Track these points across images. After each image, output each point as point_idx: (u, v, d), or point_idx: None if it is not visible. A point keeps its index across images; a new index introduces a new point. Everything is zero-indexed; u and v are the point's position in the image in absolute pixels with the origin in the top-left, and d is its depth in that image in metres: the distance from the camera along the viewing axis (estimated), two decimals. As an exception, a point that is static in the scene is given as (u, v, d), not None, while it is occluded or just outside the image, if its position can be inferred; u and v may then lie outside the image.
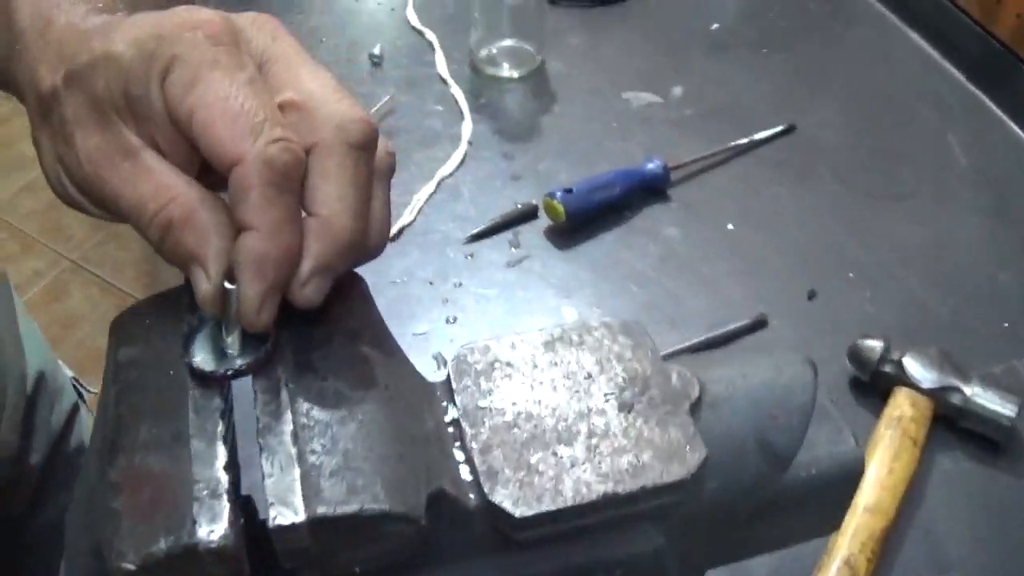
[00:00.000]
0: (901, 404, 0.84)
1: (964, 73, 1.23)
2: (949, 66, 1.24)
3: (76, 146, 0.46)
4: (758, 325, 0.93)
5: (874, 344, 0.86)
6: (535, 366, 0.53)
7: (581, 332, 0.55)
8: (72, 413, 1.01)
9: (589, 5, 1.38)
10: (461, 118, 1.18)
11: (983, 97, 1.19)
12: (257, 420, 0.45)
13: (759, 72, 1.26)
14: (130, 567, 0.41)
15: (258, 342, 0.46)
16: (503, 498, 0.46)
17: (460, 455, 0.49)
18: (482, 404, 0.51)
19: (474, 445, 0.48)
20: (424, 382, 0.52)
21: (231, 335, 0.46)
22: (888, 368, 0.85)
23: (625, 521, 0.50)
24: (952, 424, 0.84)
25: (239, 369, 0.45)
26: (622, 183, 1.04)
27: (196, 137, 0.44)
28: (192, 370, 0.46)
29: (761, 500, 0.56)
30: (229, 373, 0.45)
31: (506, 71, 1.26)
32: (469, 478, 0.48)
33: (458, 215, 1.05)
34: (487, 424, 0.50)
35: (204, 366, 0.46)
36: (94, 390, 1.03)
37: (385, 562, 0.45)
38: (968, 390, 0.83)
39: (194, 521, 0.41)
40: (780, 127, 1.14)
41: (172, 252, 0.46)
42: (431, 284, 0.98)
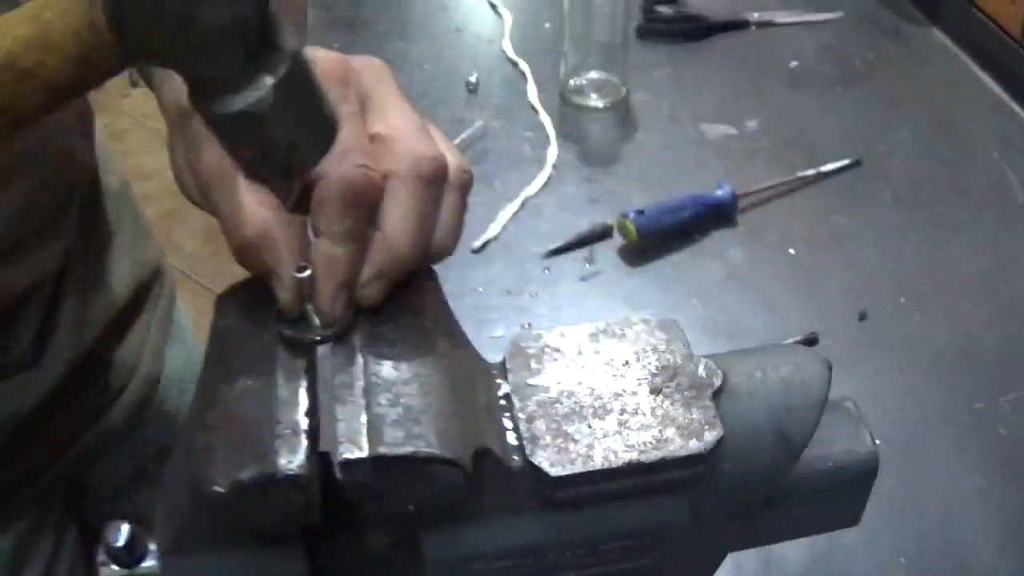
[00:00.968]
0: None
1: (1030, 114, 1.28)
2: (1016, 107, 1.29)
3: (201, 158, 0.56)
4: (809, 343, 0.99)
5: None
6: (580, 353, 0.61)
7: (623, 326, 0.63)
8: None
9: (674, 41, 1.47)
10: (548, 143, 1.26)
11: (1046, 138, 1.25)
12: (333, 379, 0.53)
13: (832, 107, 1.33)
14: (220, 490, 0.49)
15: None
16: (542, 460, 0.54)
17: (508, 424, 0.57)
18: (531, 382, 0.59)
19: (520, 415, 0.57)
20: (483, 362, 0.61)
21: (314, 311, 0.55)
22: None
23: (649, 490, 0.57)
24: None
25: (321, 338, 0.55)
26: (692, 207, 1.12)
27: None
28: (282, 336, 0.55)
29: (777, 487, 0.63)
30: (316, 339, 0.54)
31: (593, 101, 1.35)
32: (514, 443, 0.56)
33: (539, 232, 1.13)
34: (533, 399, 0.58)
35: (292, 334, 0.55)
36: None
37: (435, 504, 0.53)
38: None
39: (276, 454, 0.49)
40: (847, 160, 1.21)
41: (250, 266, 0.56)
42: (509, 293, 1.06)
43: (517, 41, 1.48)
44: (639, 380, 0.59)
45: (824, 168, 1.20)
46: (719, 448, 0.57)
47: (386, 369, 0.54)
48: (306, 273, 0.53)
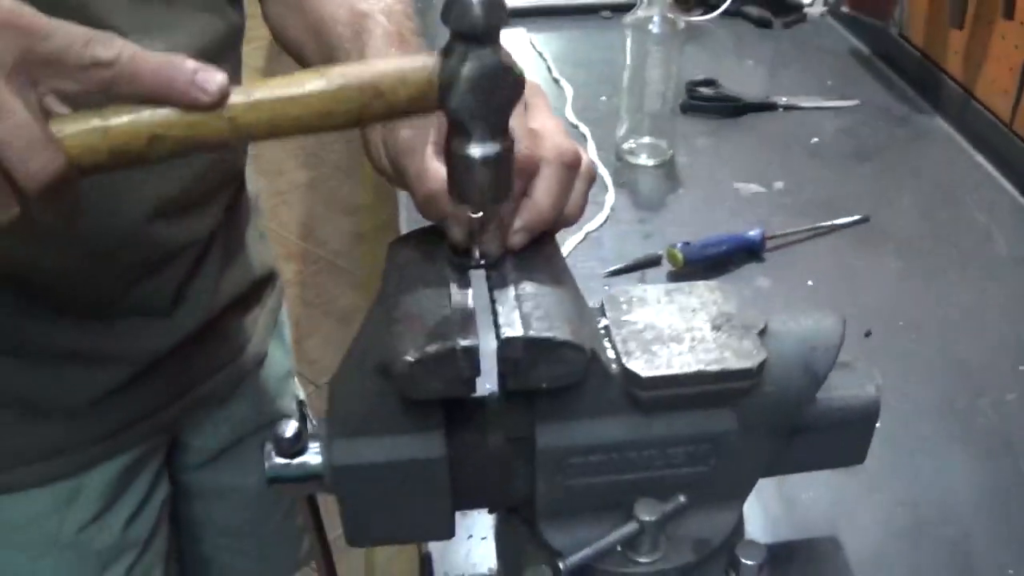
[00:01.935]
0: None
1: (1016, 187, 1.49)
2: (1004, 180, 1.51)
3: (397, 134, 0.78)
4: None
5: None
6: (659, 302, 0.81)
7: (691, 287, 0.84)
8: None
9: (712, 117, 1.71)
10: (606, 190, 1.49)
11: (1027, 206, 1.47)
12: (491, 291, 0.74)
13: (846, 176, 1.55)
14: (411, 359, 0.68)
15: None
16: (634, 365, 0.75)
17: (607, 344, 0.78)
18: (623, 318, 0.80)
19: (617, 338, 0.77)
20: (587, 304, 0.82)
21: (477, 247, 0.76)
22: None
23: (710, 400, 0.77)
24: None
25: (483, 263, 0.76)
26: (729, 243, 1.33)
27: None
28: (451, 262, 0.76)
29: (802, 415, 0.83)
30: (481, 264, 0.76)
31: (643, 160, 1.57)
32: (613, 356, 0.77)
33: (599, 258, 1.34)
34: (626, 329, 0.78)
35: (462, 261, 0.76)
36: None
37: (561, 383, 0.72)
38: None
39: (455, 334, 0.69)
40: (857, 216, 1.43)
41: (431, 213, 0.76)
42: (575, 305, 1.27)
43: (578, 110, 1.72)
44: (704, 320, 0.80)
45: (838, 221, 1.42)
46: (763, 368, 0.77)
47: (530, 287, 0.74)
48: (479, 214, 0.75)
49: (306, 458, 0.76)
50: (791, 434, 0.84)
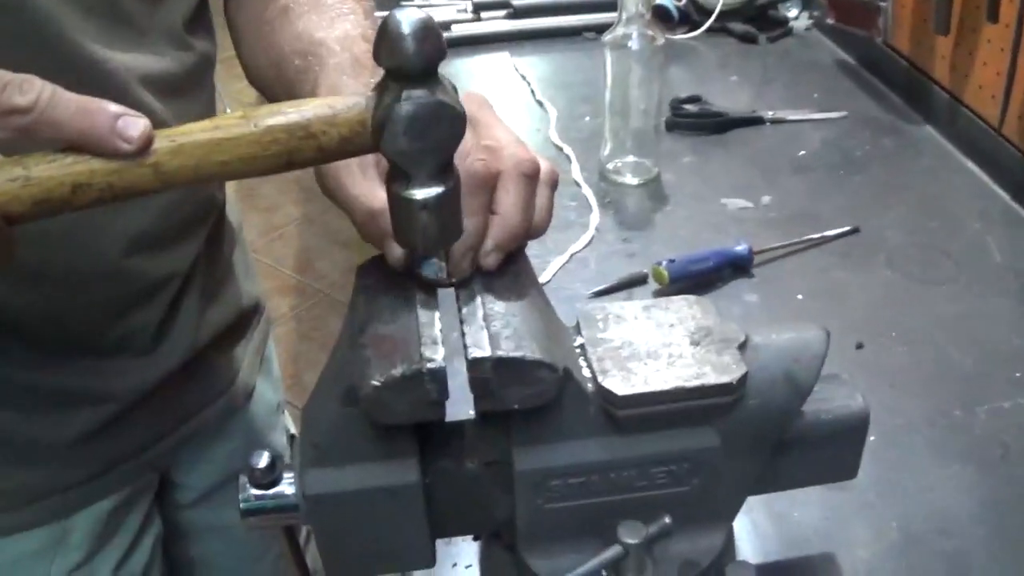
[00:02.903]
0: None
1: (1008, 192, 1.48)
2: (995, 186, 1.50)
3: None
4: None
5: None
6: (636, 318, 0.80)
7: (668, 302, 0.82)
8: None
9: (698, 134, 1.69)
10: (591, 211, 1.47)
11: (1020, 211, 1.45)
12: (460, 310, 0.72)
13: (834, 188, 1.53)
14: (377, 383, 0.66)
15: None
16: (610, 383, 0.73)
17: (583, 363, 0.76)
18: (599, 336, 0.78)
19: (593, 357, 0.75)
20: (561, 322, 0.80)
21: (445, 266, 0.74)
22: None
23: (690, 418, 0.75)
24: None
25: (452, 281, 0.74)
26: (715, 259, 1.31)
27: None
28: (419, 280, 0.73)
29: (788, 429, 0.80)
30: (450, 283, 0.73)
31: (628, 179, 1.55)
32: (588, 375, 0.75)
33: (584, 279, 1.33)
34: (602, 347, 0.76)
35: (431, 278, 0.73)
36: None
37: (534, 403, 0.70)
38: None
39: (421, 355, 0.67)
40: (846, 227, 1.41)
41: (371, 234, 0.74)
42: (560, 327, 1.25)
43: (561, 131, 1.71)
44: (682, 336, 0.78)
45: (827, 233, 1.40)
46: (744, 382, 0.75)
47: (499, 305, 0.72)
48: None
49: (280, 488, 0.75)
50: (778, 450, 0.82)
